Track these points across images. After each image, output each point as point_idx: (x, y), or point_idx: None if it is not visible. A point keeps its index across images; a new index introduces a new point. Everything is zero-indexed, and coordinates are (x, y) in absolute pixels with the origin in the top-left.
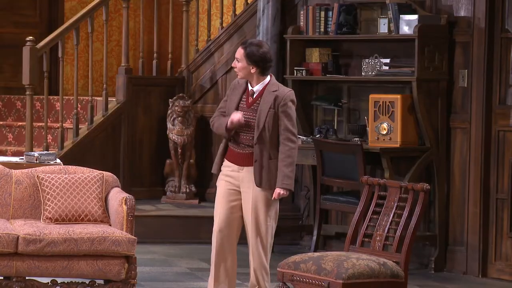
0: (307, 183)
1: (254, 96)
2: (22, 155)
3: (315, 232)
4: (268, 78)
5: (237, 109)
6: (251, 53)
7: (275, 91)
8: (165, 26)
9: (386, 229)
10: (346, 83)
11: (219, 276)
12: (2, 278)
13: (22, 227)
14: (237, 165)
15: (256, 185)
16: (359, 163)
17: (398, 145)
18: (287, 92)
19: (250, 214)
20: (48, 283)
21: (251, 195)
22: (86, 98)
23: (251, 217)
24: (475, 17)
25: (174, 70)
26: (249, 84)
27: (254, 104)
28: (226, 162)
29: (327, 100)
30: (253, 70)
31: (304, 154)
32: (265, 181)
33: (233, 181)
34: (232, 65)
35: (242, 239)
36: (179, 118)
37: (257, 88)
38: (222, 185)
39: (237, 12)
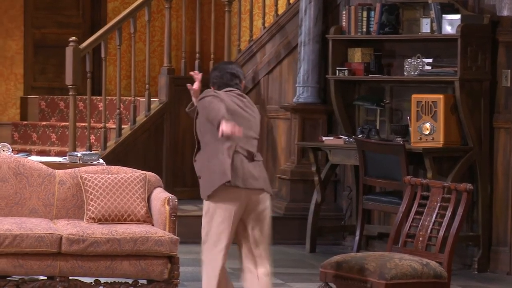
0: (350, 183)
1: None
2: (65, 155)
3: (357, 232)
4: None
5: None
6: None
7: None
8: (207, 26)
9: (429, 229)
10: (389, 83)
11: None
12: (45, 278)
13: (65, 227)
14: None
15: None
16: (402, 163)
17: (440, 145)
18: None
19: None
20: (91, 283)
21: None
22: (129, 98)
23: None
24: None
25: None
26: None
27: None
28: None
29: (370, 100)
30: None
31: (347, 154)
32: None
33: None
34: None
35: None
36: None
37: None
38: None
39: (279, 12)
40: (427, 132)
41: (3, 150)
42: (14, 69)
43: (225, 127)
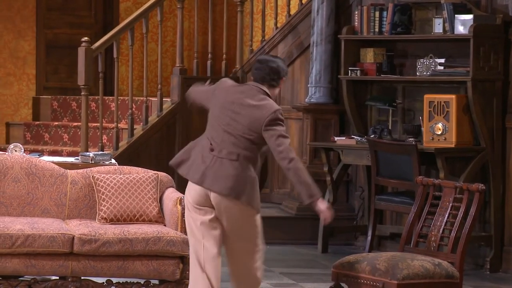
0: (362, 183)
1: None
2: (78, 156)
3: (369, 233)
4: None
5: None
6: None
7: None
8: (219, 27)
9: (441, 229)
10: (401, 83)
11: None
12: (57, 278)
13: (77, 227)
14: None
15: None
16: (414, 164)
17: (453, 145)
18: None
19: None
20: (103, 283)
21: None
22: (141, 98)
23: None
24: None
25: (228, 70)
26: None
27: None
28: None
29: (382, 100)
30: None
31: (359, 154)
32: None
33: None
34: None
35: None
36: None
37: None
38: None
39: (292, 13)
40: (439, 132)
41: (15, 150)
42: (27, 69)
43: None
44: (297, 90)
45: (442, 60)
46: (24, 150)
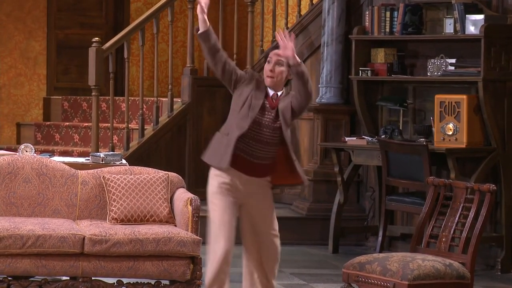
0: (372, 184)
1: (276, 98)
2: (88, 156)
3: (380, 233)
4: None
5: (262, 107)
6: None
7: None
8: (230, 27)
9: (452, 230)
10: (412, 83)
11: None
12: (68, 278)
13: (88, 228)
14: (249, 175)
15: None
16: (425, 164)
17: (464, 146)
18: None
19: (268, 219)
20: (114, 283)
21: (268, 201)
22: (152, 99)
23: (269, 221)
24: None
25: None
26: (269, 89)
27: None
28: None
29: (393, 100)
30: (285, 76)
31: (369, 155)
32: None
33: (235, 191)
34: (271, 70)
35: None
36: None
37: (279, 94)
38: (226, 195)
39: (302, 13)
40: (450, 133)
41: (26, 151)
42: (37, 69)
43: None
44: None
45: (453, 60)
46: (35, 151)
